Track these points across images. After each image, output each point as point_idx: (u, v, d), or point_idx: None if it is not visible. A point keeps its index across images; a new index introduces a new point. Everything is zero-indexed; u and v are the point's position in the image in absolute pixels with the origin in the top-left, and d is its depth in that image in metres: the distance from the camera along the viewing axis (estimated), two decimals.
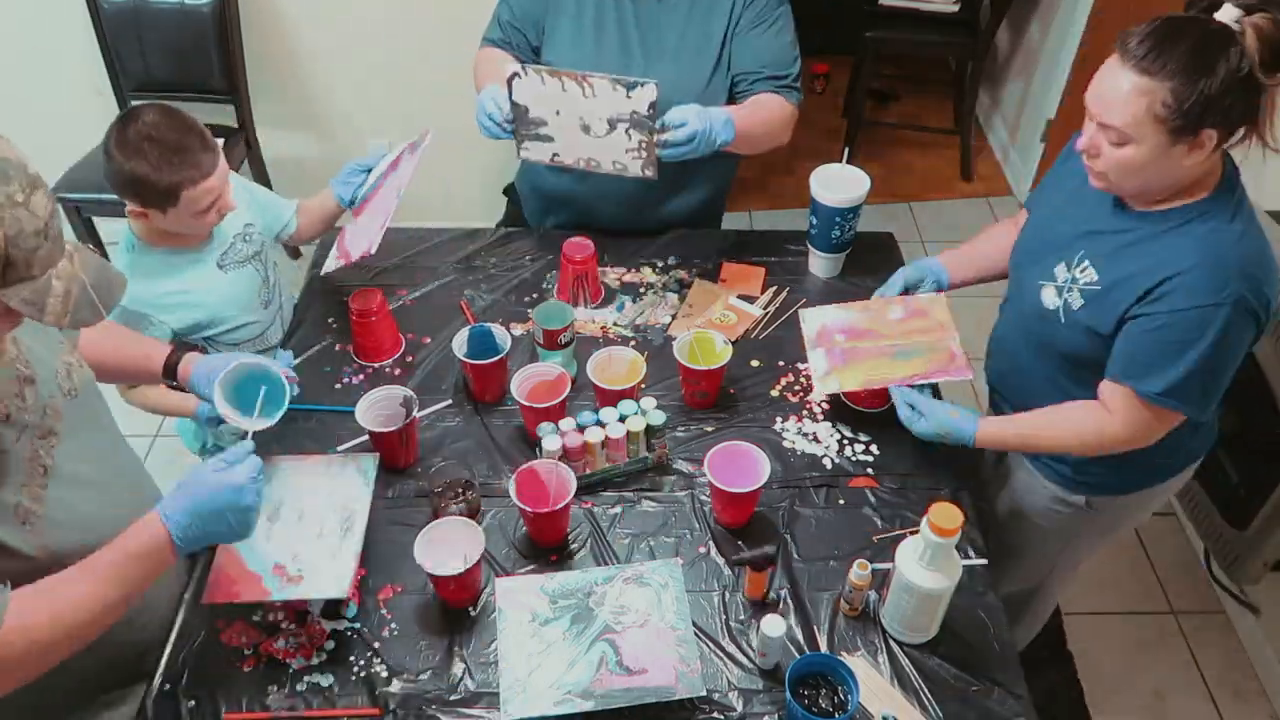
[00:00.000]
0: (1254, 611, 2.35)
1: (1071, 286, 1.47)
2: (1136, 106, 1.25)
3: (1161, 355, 1.36)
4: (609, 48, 1.88)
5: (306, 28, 3.01)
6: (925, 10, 3.57)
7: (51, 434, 1.21)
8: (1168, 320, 1.34)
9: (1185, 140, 1.27)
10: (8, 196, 0.97)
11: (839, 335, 1.68)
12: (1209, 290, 1.31)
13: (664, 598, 1.38)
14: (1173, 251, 1.35)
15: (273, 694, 1.33)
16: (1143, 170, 1.32)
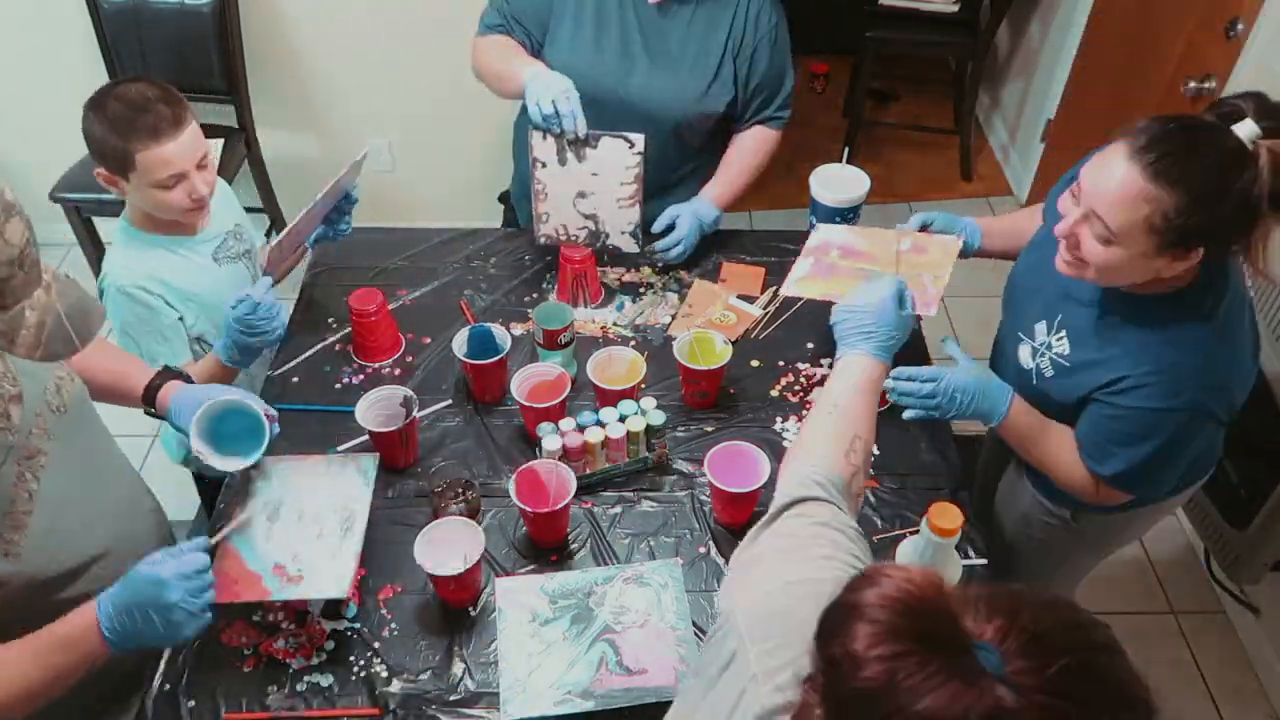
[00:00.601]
0: (1254, 611, 2.35)
1: (1045, 352, 1.47)
2: (1136, 213, 1.17)
3: (1115, 443, 1.37)
4: (609, 51, 1.89)
5: (306, 28, 3.01)
6: (925, 10, 3.57)
7: (39, 453, 1.19)
8: (1125, 413, 1.34)
9: (1173, 253, 1.20)
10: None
11: (835, 251, 1.65)
12: (1165, 395, 1.30)
13: (664, 598, 1.38)
14: (1140, 347, 1.32)
15: (273, 694, 1.33)
16: (1118, 271, 1.26)
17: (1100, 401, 1.37)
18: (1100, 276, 1.28)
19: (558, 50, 1.90)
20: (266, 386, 1.78)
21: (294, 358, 1.82)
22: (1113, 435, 1.37)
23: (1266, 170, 1.14)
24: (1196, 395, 1.29)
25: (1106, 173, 1.19)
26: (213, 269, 1.74)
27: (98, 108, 1.53)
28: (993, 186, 3.86)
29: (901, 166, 3.94)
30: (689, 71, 1.90)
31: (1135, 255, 1.21)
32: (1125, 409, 1.33)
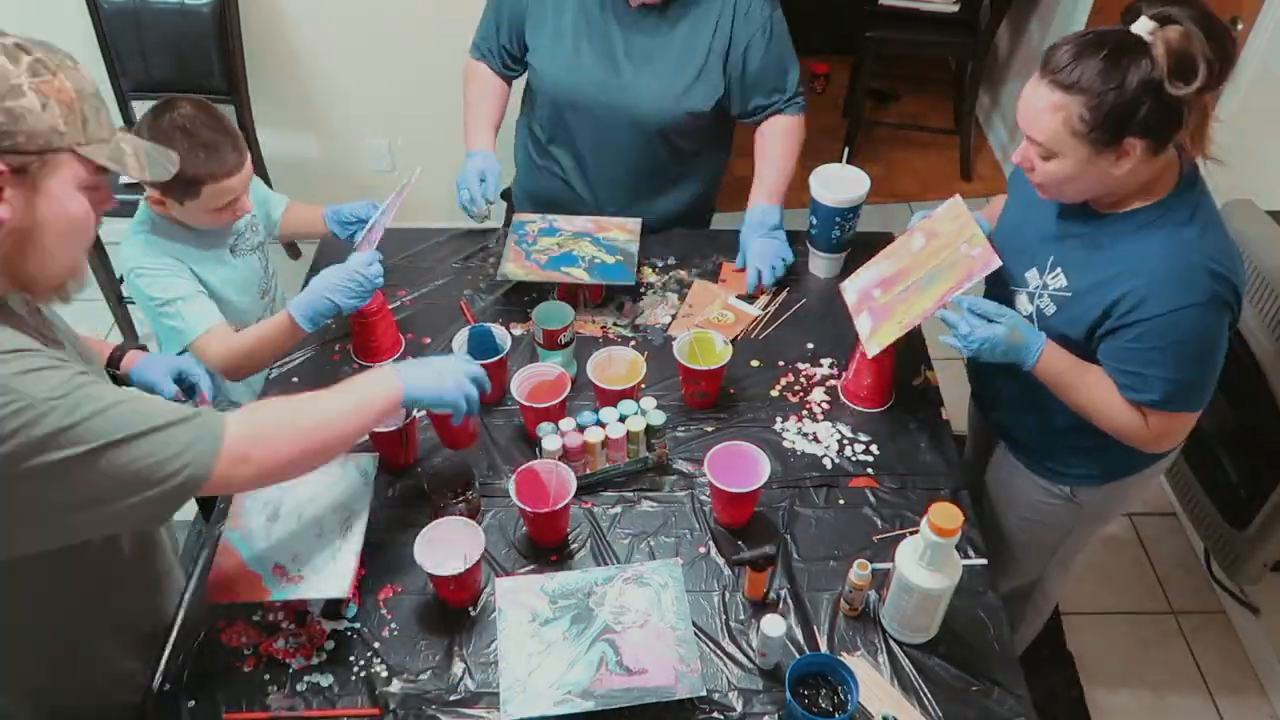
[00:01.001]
0: (1254, 611, 2.35)
1: (1043, 292, 1.48)
2: (1054, 121, 1.29)
3: (1147, 364, 1.38)
4: (591, 56, 1.90)
5: (306, 28, 3.02)
6: (925, 10, 3.57)
7: None
8: (1146, 328, 1.35)
9: (1109, 151, 1.29)
10: (59, 62, 1.03)
11: (876, 291, 1.66)
12: (1181, 294, 1.32)
13: (664, 598, 1.38)
14: (1137, 258, 1.36)
15: (273, 694, 1.33)
16: (1074, 181, 1.34)
17: (1119, 329, 1.38)
18: (1062, 190, 1.38)
19: (539, 58, 1.92)
20: (266, 387, 1.78)
21: (294, 358, 1.82)
22: (1142, 357, 1.37)
23: (1163, 55, 1.22)
24: (1207, 285, 1.32)
25: (1026, 98, 1.33)
26: (229, 260, 1.78)
27: (165, 139, 1.51)
28: (993, 186, 3.86)
29: (901, 166, 3.94)
30: (672, 72, 1.90)
31: (1078, 161, 1.31)
32: (1145, 322, 1.35)
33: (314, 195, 2.01)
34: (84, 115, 1.03)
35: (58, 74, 1.01)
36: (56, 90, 1.00)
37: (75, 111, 1.02)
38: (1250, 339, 2.06)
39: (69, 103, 1.01)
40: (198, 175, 1.57)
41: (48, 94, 1.00)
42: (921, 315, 1.56)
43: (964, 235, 1.57)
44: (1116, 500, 1.73)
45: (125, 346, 1.54)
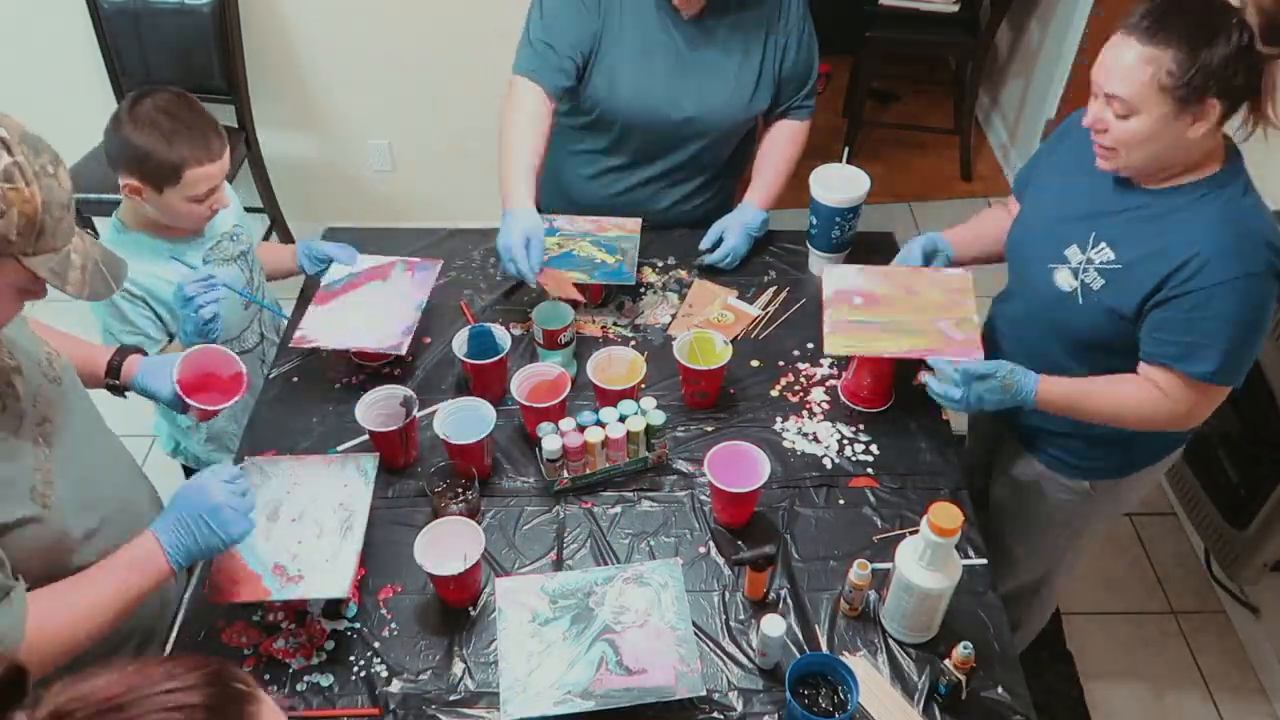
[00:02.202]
0: (1254, 611, 2.35)
1: (1088, 267, 1.47)
2: (1142, 75, 1.28)
3: (1204, 334, 1.37)
4: (659, 74, 1.88)
5: (306, 28, 3.01)
6: (925, 10, 3.57)
7: (47, 421, 1.22)
8: (1202, 299, 1.35)
9: (1190, 111, 1.29)
10: (41, 167, 1.01)
11: (857, 298, 1.66)
12: (1242, 262, 1.33)
13: (664, 598, 1.38)
14: (1194, 227, 1.36)
15: (273, 694, 1.32)
16: (1149, 142, 1.33)
17: (1174, 298, 1.37)
18: (1133, 154, 1.36)
19: (609, 84, 1.88)
20: (266, 387, 1.78)
21: (294, 358, 1.82)
22: (1200, 326, 1.36)
23: (1254, 14, 1.23)
24: (1266, 255, 1.33)
25: (1112, 54, 1.32)
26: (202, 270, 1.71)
27: (147, 124, 1.53)
28: (992, 186, 3.86)
29: (901, 166, 3.94)
30: (735, 79, 1.91)
31: (1157, 120, 1.30)
32: (1204, 290, 1.34)
33: (314, 195, 2.01)
34: (41, 227, 1.01)
35: (31, 184, 0.99)
36: (23, 200, 0.99)
37: (34, 224, 1.00)
38: None
39: (30, 215, 1.00)
40: (181, 159, 1.54)
41: (11, 202, 0.98)
42: (882, 353, 1.59)
43: (951, 312, 1.61)
44: (1131, 492, 1.74)
45: (124, 352, 1.51)
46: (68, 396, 1.29)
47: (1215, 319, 1.35)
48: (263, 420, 1.71)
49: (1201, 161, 1.38)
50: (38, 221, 1.00)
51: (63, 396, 1.28)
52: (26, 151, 1.00)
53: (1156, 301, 1.39)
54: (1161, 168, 1.39)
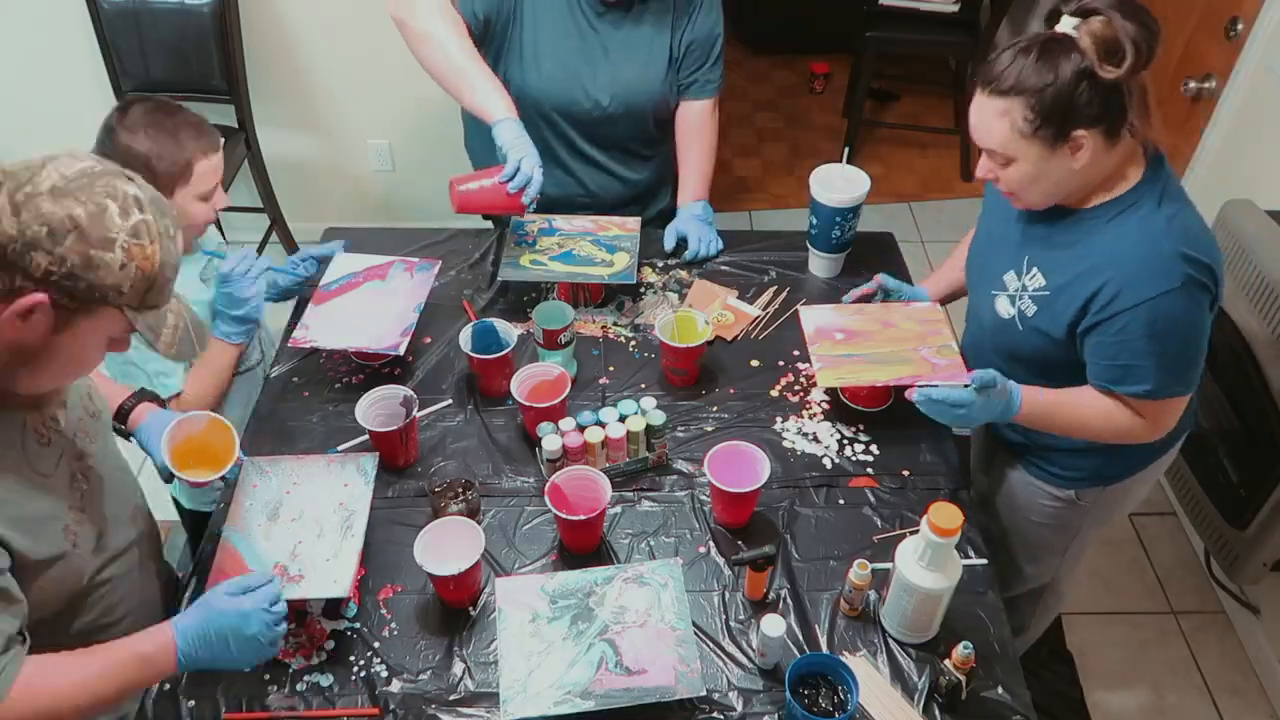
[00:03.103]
0: (1254, 611, 2.35)
1: (1023, 294, 1.49)
2: (1002, 127, 1.32)
3: (1133, 355, 1.38)
4: (571, 58, 1.91)
5: (306, 28, 3.01)
6: (925, 10, 3.57)
7: (86, 455, 1.23)
8: (1127, 319, 1.35)
9: (1061, 145, 1.31)
10: (165, 229, 1.06)
11: (838, 334, 1.68)
12: (1155, 281, 1.33)
13: (664, 598, 1.38)
14: (1108, 249, 1.37)
15: (273, 694, 1.33)
16: (1037, 182, 1.37)
17: (1099, 324, 1.38)
18: (1030, 193, 1.40)
19: (521, 64, 1.91)
20: (266, 387, 1.78)
21: (294, 358, 1.82)
22: (1128, 349, 1.37)
23: (1090, 45, 1.26)
24: (1180, 270, 1.32)
25: (975, 113, 1.37)
26: (199, 288, 1.72)
27: (147, 128, 1.52)
28: None
29: (901, 166, 3.94)
30: (647, 60, 1.93)
31: (1035, 163, 1.34)
32: (1125, 313, 1.35)
33: (314, 195, 2.01)
34: (152, 284, 1.05)
35: (154, 243, 1.04)
36: (144, 258, 1.03)
37: (148, 280, 1.04)
38: (1250, 339, 2.06)
39: (148, 272, 1.04)
40: (190, 155, 1.54)
41: (134, 257, 1.02)
42: (874, 382, 1.61)
43: (929, 340, 1.64)
44: (1120, 501, 1.73)
45: (140, 396, 1.48)
46: (104, 433, 1.29)
47: (1140, 339, 1.36)
48: (263, 420, 1.71)
49: (1116, 179, 1.38)
50: (152, 278, 1.05)
51: (100, 432, 1.28)
52: (155, 212, 1.05)
53: (1085, 327, 1.40)
54: (1068, 196, 1.40)
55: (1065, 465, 1.65)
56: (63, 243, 0.98)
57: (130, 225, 1.01)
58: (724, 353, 1.83)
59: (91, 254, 0.99)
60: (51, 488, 1.16)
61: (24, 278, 0.98)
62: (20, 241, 0.97)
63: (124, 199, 1.02)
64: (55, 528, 1.16)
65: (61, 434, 1.20)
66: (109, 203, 1.00)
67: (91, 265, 0.99)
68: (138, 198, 1.03)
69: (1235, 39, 2.36)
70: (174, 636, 1.17)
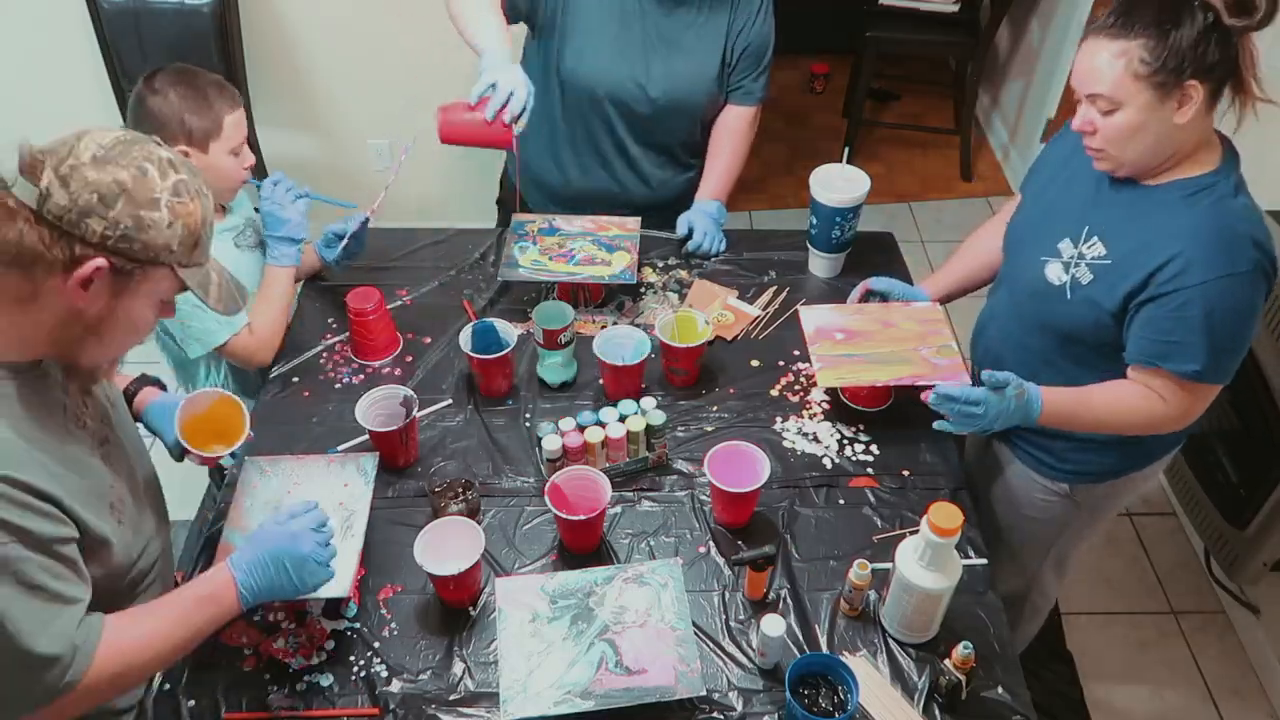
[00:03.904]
0: (1254, 611, 2.35)
1: (1079, 262, 1.47)
2: (1116, 69, 1.30)
3: (1188, 332, 1.37)
4: (631, 49, 1.90)
5: (306, 28, 3.01)
6: (925, 10, 3.57)
7: (107, 442, 1.24)
8: (1188, 298, 1.35)
9: (1172, 96, 1.30)
10: (198, 189, 1.10)
11: (838, 334, 1.68)
12: (1227, 261, 1.33)
13: (664, 597, 1.38)
14: (1181, 225, 1.36)
15: (273, 694, 1.33)
16: (1138, 134, 1.34)
17: (1160, 297, 1.37)
18: (1126, 150, 1.36)
19: (579, 52, 1.90)
20: (266, 387, 1.78)
21: (294, 358, 1.82)
22: (1184, 325, 1.36)
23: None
24: (1251, 254, 1.34)
25: (1085, 56, 1.34)
26: (234, 254, 1.79)
27: (176, 87, 1.62)
28: (992, 186, 3.86)
29: (901, 166, 3.94)
30: (702, 58, 1.93)
31: (1141, 110, 1.31)
32: (1189, 289, 1.34)
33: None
34: (197, 240, 1.10)
35: (195, 200, 1.08)
36: (187, 214, 1.07)
37: (194, 236, 1.09)
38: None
39: (193, 228, 1.08)
40: (220, 109, 1.65)
41: (179, 214, 1.06)
42: (874, 382, 1.62)
43: (929, 340, 1.64)
44: (1113, 499, 1.73)
45: (141, 382, 1.51)
46: (121, 421, 1.30)
47: (1199, 318, 1.35)
48: (263, 420, 1.71)
49: (1195, 156, 1.38)
50: (196, 235, 1.09)
51: (117, 420, 1.29)
52: (188, 171, 1.09)
53: (1141, 300, 1.39)
54: (1155, 161, 1.39)
55: (1062, 458, 1.65)
56: (114, 206, 1.02)
57: (170, 184, 1.06)
58: (724, 353, 1.83)
59: (141, 214, 1.03)
60: (91, 469, 1.18)
61: (83, 245, 1.02)
62: (75, 210, 1.00)
63: (160, 162, 1.06)
64: (104, 504, 1.17)
65: (92, 419, 1.21)
66: (148, 165, 1.04)
67: (143, 226, 1.03)
68: (171, 160, 1.08)
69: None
70: (231, 572, 1.21)
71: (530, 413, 1.71)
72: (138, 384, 1.49)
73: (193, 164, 1.13)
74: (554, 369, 1.75)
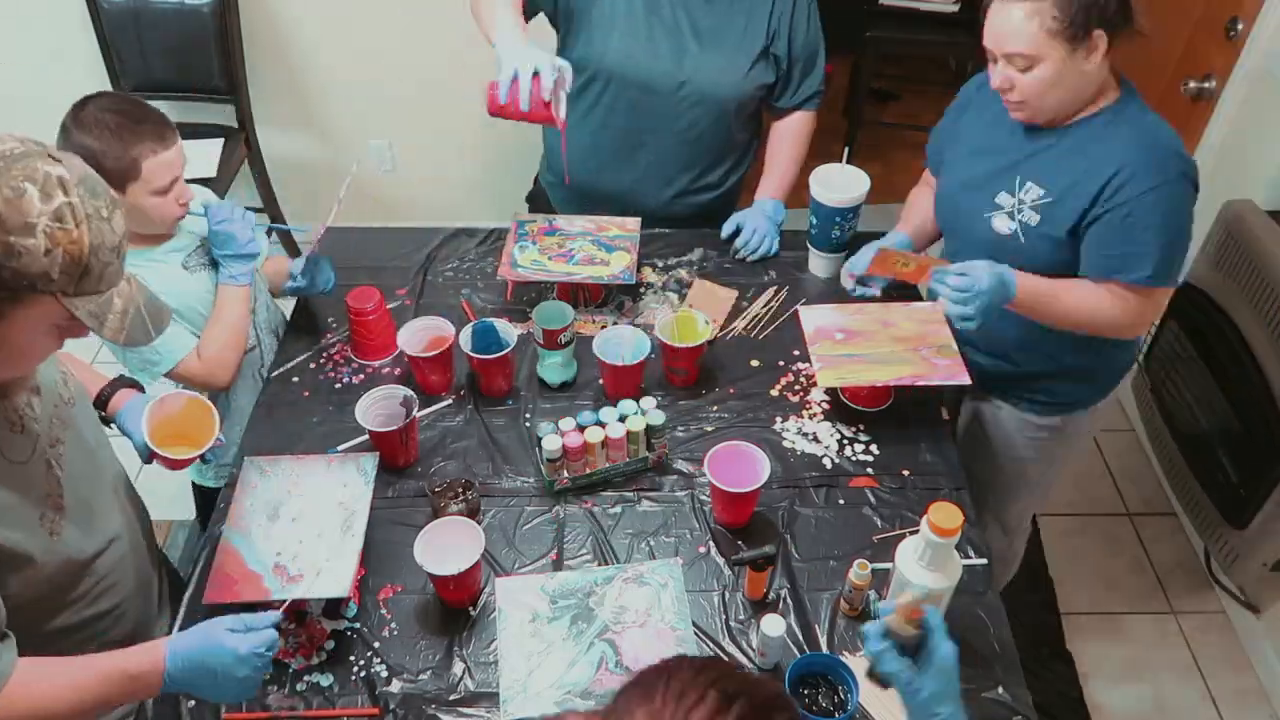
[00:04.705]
0: (1254, 611, 2.35)
1: (1022, 207, 1.58)
2: (1031, 27, 1.41)
3: (1136, 243, 1.49)
4: (662, 37, 1.89)
5: (306, 28, 3.02)
6: (925, 10, 3.57)
7: (59, 443, 1.22)
8: (1132, 208, 1.47)
9: (1081, 46, 1.42)
10: (95, 209, 1.01)
11: (838, 334, 1.68)
12: (1160, 171, 1.46)
13: (664, 598, 1.38)
14: (1112, 146, 1.49)
15: (273, 694, 1.33)
16: (1056, 85, 1.46)
17: (1104, 214, 1.49)
18: (1045, 101, 1.49)
19: (608, 38, 1.89)
20: (266, 387, 1.78)
21: (293, 358, 1.82)
22: (1132, 234, 1.48)
23: None
24: (1177, 164, 1.47)
25: (999, 18, 1.45)
26: (182, 277, 1.72)
27: (94, 125, 1.53)
28: None
29: (901, 166, 3.94)
30: (734, 50, 1.93)
31: (1058, 64, 1.43)
32: (1132, 201, 1.46)
33: (314, 195, 2.01)
34: (86, 269, 1.01)
35: (81, 225, 0.99)
36: (70, 241, 0.98)
37: (78, 265, 1.00)
38: (1250, 339, 2.06)
39: (76, 256, 0.99)
40: (136, 154, 1.54)
41: (58, 241, 0.97)
42: (874, 382, 1.63)
43: (928, 340, 1.66)
44: (1090, 424, 1.86)
45: (118, 384, 1.49)
46: (78, 419, 1.29)
47: (1144, 227, 1.47)
48: (262, 420, 1.71)
49: (1099, 94, 1.51)
50: (83, 263, 1.00)
51: (74, 418, 1.27)
52: (83, 194, 1.00)
53: (1090, 219, 1.51)
54: (1072, 107, 1.51)
55: (1051, 393, 1.76)
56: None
57: (52, 209, 0.97)
58: (724, 353, 1.83)
59: (11, 241, 0.95)
60: (26, 476, 1.15)
61: None
62: None
63: (45, 181, 0.97)
64: (31, 517, 1.15)
65: (37, 421, 1.19)
66: (28, 186, 0.96)
67: (12, 253, 0.95)
68: (62, 179, 0.98)
69: (1235, 39, 2.36)
70: (165, 658, 1.15)
71: (530, 413, 1.71)
72: (113, 386, 1.48)
73: (97, 183, 1.03)
74: (554, 369, 1.75)
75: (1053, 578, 2.51)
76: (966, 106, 1.73)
